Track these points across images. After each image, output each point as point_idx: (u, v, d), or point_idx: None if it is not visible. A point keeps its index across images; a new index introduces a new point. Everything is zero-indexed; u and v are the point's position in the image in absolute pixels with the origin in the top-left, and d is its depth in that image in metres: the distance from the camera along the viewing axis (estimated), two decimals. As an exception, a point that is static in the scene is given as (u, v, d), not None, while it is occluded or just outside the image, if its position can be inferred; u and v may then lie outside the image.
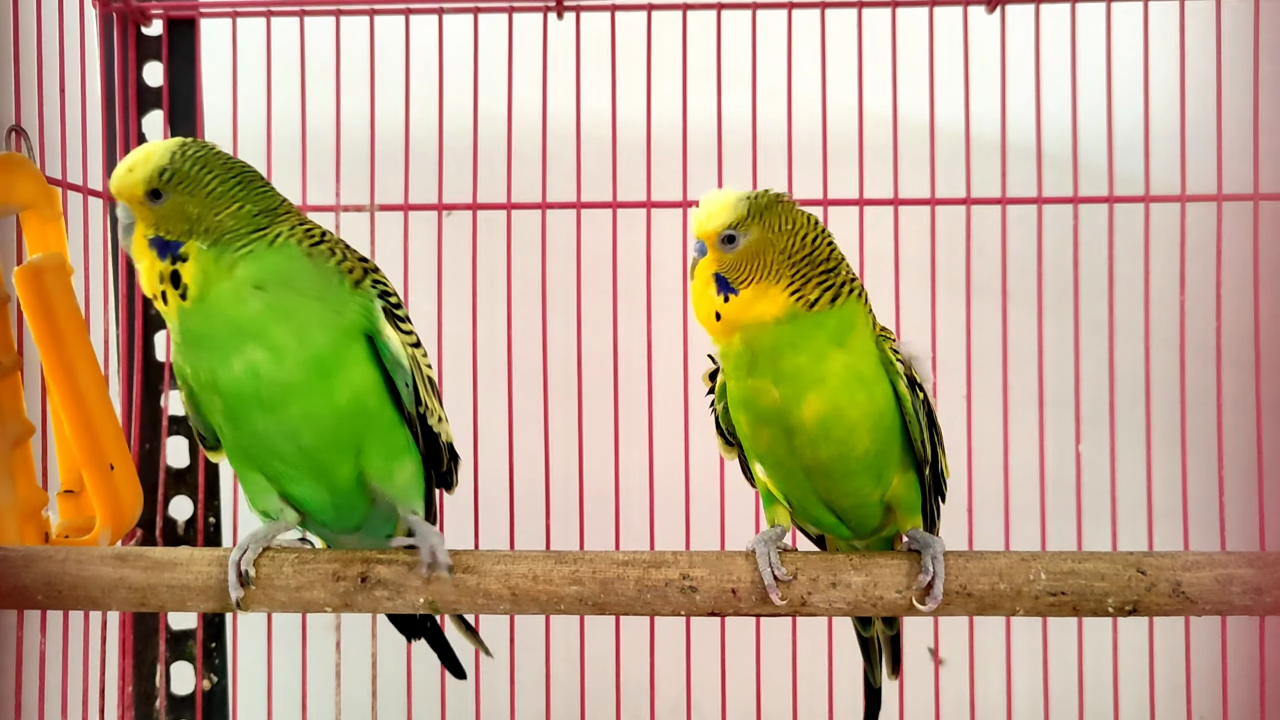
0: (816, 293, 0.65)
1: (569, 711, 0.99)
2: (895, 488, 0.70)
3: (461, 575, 0.69)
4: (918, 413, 0.68)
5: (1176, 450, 0.96)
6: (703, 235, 0.66)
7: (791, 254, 0.65)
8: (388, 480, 0.70)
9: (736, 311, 0.65)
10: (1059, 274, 1.00)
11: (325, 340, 0.66)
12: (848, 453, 0.66)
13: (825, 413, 0.65)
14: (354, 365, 0.67)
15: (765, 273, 0.65)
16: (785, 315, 0.65)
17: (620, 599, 0.69)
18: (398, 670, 0.97)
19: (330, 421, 0.67)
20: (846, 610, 0.68)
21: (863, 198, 0.97)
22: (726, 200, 0.66)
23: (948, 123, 0.98)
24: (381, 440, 0.70)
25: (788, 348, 0.65)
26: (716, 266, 0.66)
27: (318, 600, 0.69)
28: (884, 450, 0.68)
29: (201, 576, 0.69)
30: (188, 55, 1.00)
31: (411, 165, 0.98)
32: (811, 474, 0.68)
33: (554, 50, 0.98)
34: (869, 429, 0.66)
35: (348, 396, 0.67)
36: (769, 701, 0.97)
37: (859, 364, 0.66)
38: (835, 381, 0.65)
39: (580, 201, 0.98)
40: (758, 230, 0.65)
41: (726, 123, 0.98)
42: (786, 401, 0.65)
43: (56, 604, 0.70)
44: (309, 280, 0.66)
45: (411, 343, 0.70)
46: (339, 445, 0.68)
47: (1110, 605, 0.66)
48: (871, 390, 0.66)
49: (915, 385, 0.68)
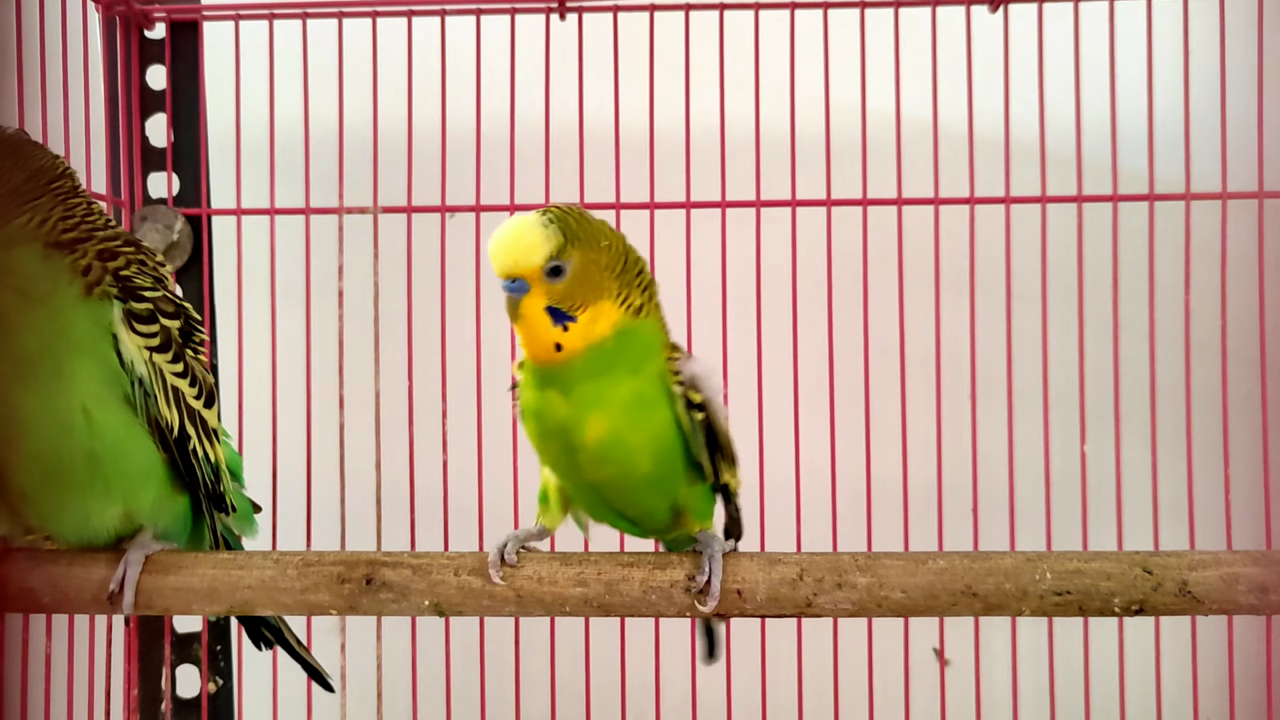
0: (639, 297, 0.66)
1: (574, 712, 0.99)
2: (682, 498, 0.70)
3: (467, 577, 0.69)
4: (695, 434, 0.67)
5: (1182, 449, 0.95)
6: (523, 273, 0.64)
7: (613, 266, 0.65)
8: (130, 499, 0.68)
9: (577, 338, 0.64)
10: (1063, 273, 0.99)
11: (35, 344, 0.63)
12: (629, 472, 0.67)
13: (606, 436, 0.65)
14: (74, 372, 0.64)
15: (598, 293, 0.64)
16: (615, 331, 0.65)
17: (625, 600, 0.69)
18: (403, 673, 0.97)
19: (54, 431, 0.64)
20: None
21: (866, 198, 0.97)
22: (535, 233, 0.64)
23: (951, 122, 0.98)
24: (119, 455, 0.67)
25: (590, 369, 0.65)
26: (547, 300, 0.64)
27: (323, 603, 0.69)
28: (665, 469, 0.68)
29: (206, 579, 0.69)
30: (191, 58, 1.00)
31: (415, 167, 0.98)
32: (596, 486, 0.68)
33: (556, 51, 0.98)
34: (649, 452, 0.66)
35: (64, 405, 0.64)
36: (773, 703, 0.97)
37: (644, 388, 0.66)
38: (619, 406, 0.65)
39: (583, 203, 0.98)
40: (579, 254, 0.64)
41: (729, 123, 0.98)
42: (573, 420, 0.65)
43: (62, 607, 0.70)
44: (38, 279, 0.63)
45: (153, 346, 0.66)
46: (71, 457, 0.65)
47: (1116, 605, 0.66)
48: (653, 415, 0.66)
49: (693, 407, 0.67)
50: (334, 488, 0.98)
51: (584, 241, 0.64)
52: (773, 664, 0.97)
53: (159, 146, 1.01)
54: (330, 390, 0.99)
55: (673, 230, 0.97)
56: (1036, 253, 0.97)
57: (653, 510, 0.70)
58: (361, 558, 0.70)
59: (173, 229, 0.99)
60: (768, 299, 0.97)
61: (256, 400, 0.99)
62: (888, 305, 0.98)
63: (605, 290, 0.64)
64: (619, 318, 0.65)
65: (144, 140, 1.01)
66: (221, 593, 0.69)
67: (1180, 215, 0.96)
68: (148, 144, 1.01)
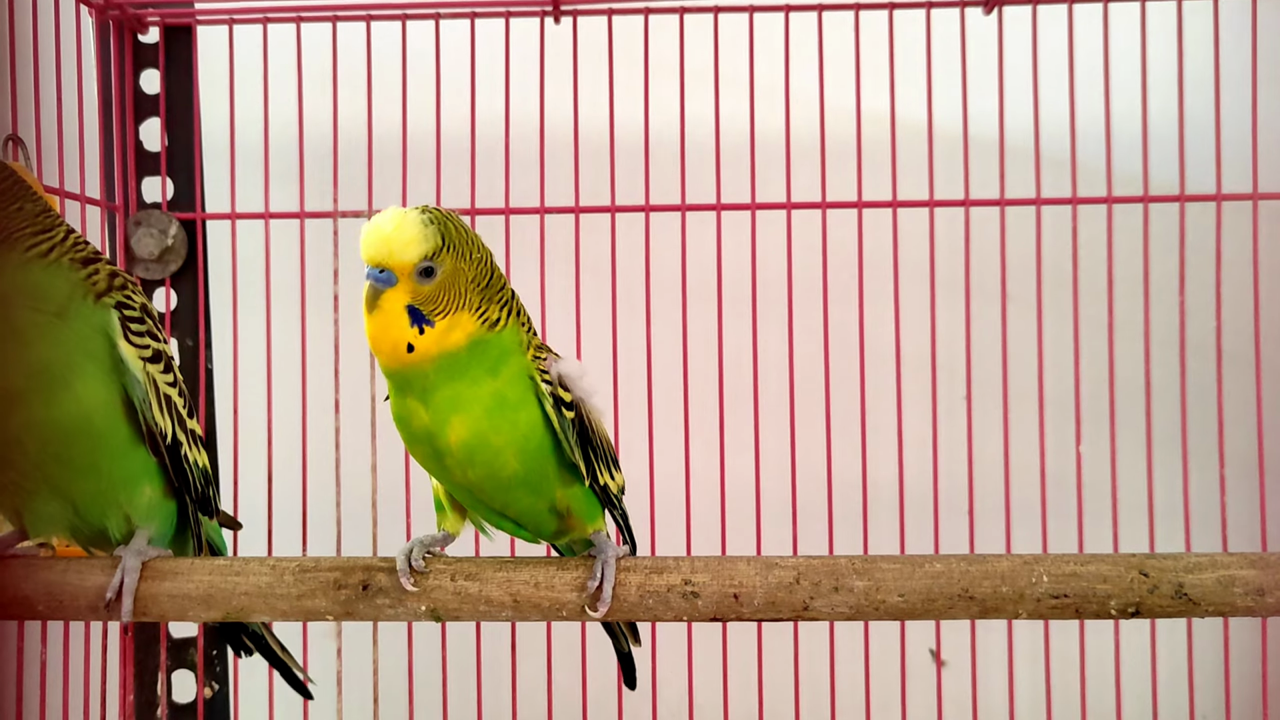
0: (497, 312, 0.66)
1: (571, 714, 0.99)
2: (561, 500, 0.70)
3: (464, 583, 0.69)
4: (566, 432, 0.67)
5: (1178, 451, 0.95)
6: (395, 266, 0.63)
7: (479, 280, 0.65)
8: (126, 501, 0.70)
9: (431, 344, 0.64)
10: (1058, 275, 1.00)
11: (50, 355, 0.65)
12: (496, 473, 0.67)
13: (469, 439, 0.65)
14: (81, 382, 0.66)
15: (460, 303, 0.64)
16: (470, 342, 0.64)
17: (623, 605, 0.68)
18: (399, 678, 0.97)
19: (52, 435, 0.66)
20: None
21: (861, 200, 0.97)
22: (416, 229, 0.63)
23: (945, 124, 0.98)
24: (114, 460, 0.68)
25: (444, 374, 0.64)
26: (410, 298, 0.63)
27: (319, 609, 0.69)
28: (535, 469, 0.68)
29: (203, 586, 0.69)
30: (184, 62, 1.00)
31: (409, 171, 0.98)
32: (470, 489, 0.68)
33: (551, 54, 0.98)
34: (515, 452, 0.66)
35: (72, 413, 0.66)
36: (770, 706, 0.97)
37: (506, 389, 0.66)
38: (479, 408, 0.65)
39: (579, 206, 0.98)
40: (451, 261, 0.64)
41: (724, 125, 0.98)
42: (434, 425, 0.65)
43: (57, 614, 0.70)
44: (49, 296, 0.66)
45: (146, 357, 0.68)
46: (67, 461, 0.67)
47: (1113, 608, 0.66)
48: (517, 415, 0.66)
49: (563, 405, 0.67)
50: (329, 492, 0.98)
51: (458, 249, 0.64)
52: (769, 666, 0.97)
53: (153, 151, 1.01)
54: (326, 394, 0.99)
55: (669, 232, 0.97)
56: (1031, 255, 0.97)
57: (531, 511, 0.70)
58: (358, 563, 0.70)
59: (167, 234, 0.99)
60: (762, 301, 0.97)
61: (251, 404, 0.99)
62: (883, 308, 0.98)
63: (467, 302, 0.64)
64: (474, 329, 0.64)
65: (138, 145, 1.01)
66: (218, 599, 0.69)
67: (1175, 217, 0.96)
68: (141, 148, 1.01)
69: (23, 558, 0.70)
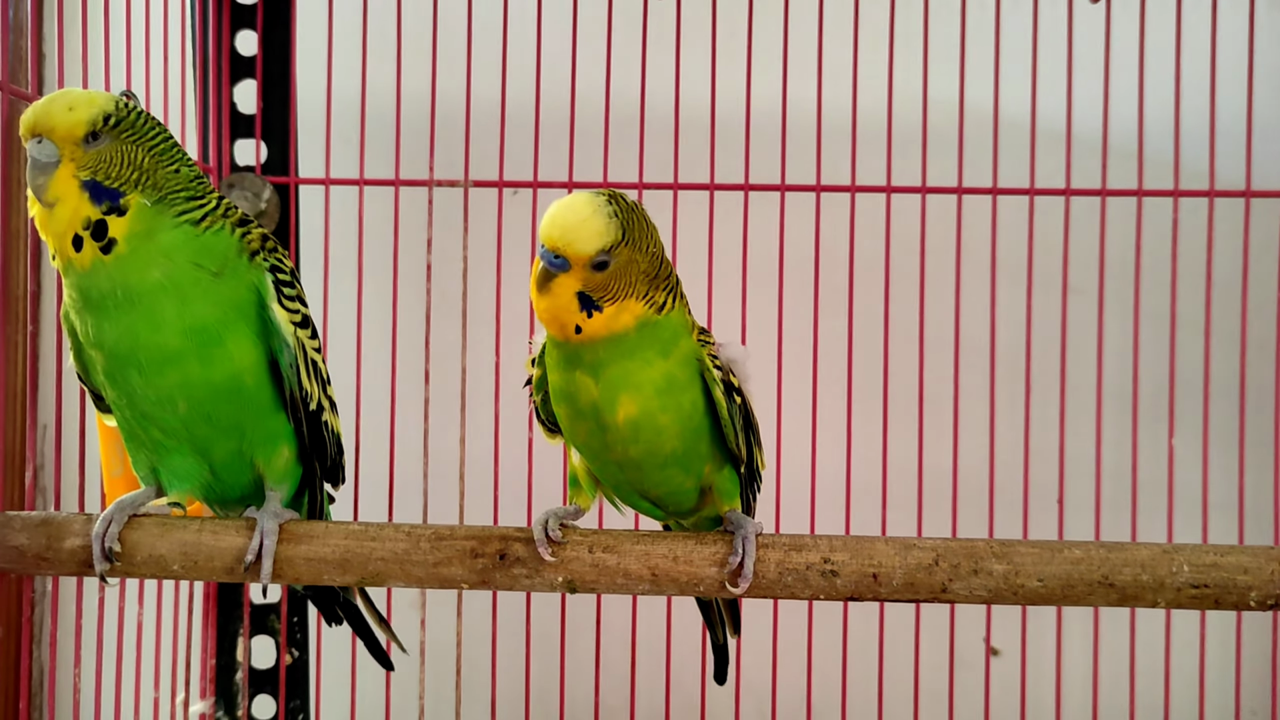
0: (664, 297, 0.66)
1: (653, 685, 0.98)
2: (708, 478, 0.71)
3: (601, 555, 0.69)
4: (733, 417, 0.68)
5: (1234, 447, 0.97)
6: (571, 255, 0.63)
7: (650, 272, 0.65)
8: (264, 463, 0.70)
9: (599, 327, 0.64)
10: (1121, 267, 1.00)
11: (208, 313, 0.65)
12: (657, 450, 0.67)
13: (637, 416, 0.66)
14: (234, 341, 0.66)
15: (629, 291, 0.64)
16: (638, 324, 0.65)
17: (760, 581, 0.69)
18: (483, 650, 0.97)
19: (204, 394, 0.66)
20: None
21: (925, 185, 0.97)
22: (599, 222, 0.63)
23: (1012, 112, 0.98)
24: (258, 420, 0.69)
25: (616, 352, 0.65)
26: (581, 286, 0.63)
27: (455, 577, 0.69)
28: (692, 449, 0.68)
29: (339, 550, 0.69)
30: (282, 24, 0.99)
31: (507, 142, 0.97)
32: (624, 466, 0.69)
33: (618, 31, 0.97)
34: (677, 432, 0.67)
35: (225, 372, 0.66)
36: (819, 688, 0.97)
37: (675, 371, 0.66)
38: (650, 388, 0.65)
39: (642, 183, 0.97)
40: (626, 252, 0.64)
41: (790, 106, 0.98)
42: (604, 401, 0.66)
43: (192, 574, 0.70)
44: (212, 254, 0.66)
45: (297, 321, 0.68)
46: (214, 420, 0.67)
47: (1253, 599, 0.67)
48: (684, 396, 0.67)
49: (733, 390, 0.68)
50: (416, 463, 0.98)
51: (635, 243, 0.64)
52: (819, 653, 0.97)
53: (247, 114, 1.00)
54: (415, 363, 0.98)
55: (732, 210, 0.98)
56: (1095, 246, 0.98)
57: (679, 490, 0.71)
58: (494, 533, 0.70)
59: (260, 197, 0.98)
60: (825, 285, 0.97)
61: (340, 372, 0.98)
62: (945, 294, 0.98)
63: (635, 290, 0.65)
64: (641, 312, 0.65)
65: (232, 106, 1.00)
66: (354, 564, 0.69)
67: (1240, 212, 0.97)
68: (236, 110, 1.00)
69: (156, 516, 0.70)
